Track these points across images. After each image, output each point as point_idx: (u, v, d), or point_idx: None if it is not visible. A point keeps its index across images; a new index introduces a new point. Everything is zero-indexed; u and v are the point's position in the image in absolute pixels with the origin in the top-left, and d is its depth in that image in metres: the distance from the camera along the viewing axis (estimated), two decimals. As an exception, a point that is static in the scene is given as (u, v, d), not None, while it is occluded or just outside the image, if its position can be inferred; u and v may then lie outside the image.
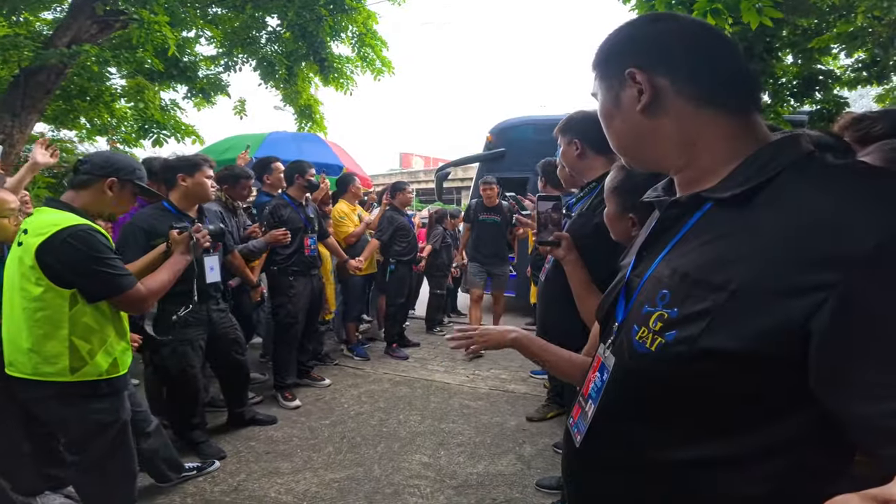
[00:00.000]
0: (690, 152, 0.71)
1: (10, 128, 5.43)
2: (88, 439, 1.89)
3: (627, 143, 0.79)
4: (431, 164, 29.76)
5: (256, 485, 2.64)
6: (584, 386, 0.84)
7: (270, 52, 7.84)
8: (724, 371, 0.58)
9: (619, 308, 0.79)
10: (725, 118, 0.69)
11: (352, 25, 7.74)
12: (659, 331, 0.65)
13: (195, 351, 2.76)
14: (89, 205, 1.89)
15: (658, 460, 0.67)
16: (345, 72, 8.07)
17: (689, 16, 0.78)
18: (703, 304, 0.60)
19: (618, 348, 0.75)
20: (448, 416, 3.60)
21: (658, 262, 0.73)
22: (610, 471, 0.76)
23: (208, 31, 7.37)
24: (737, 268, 0.58)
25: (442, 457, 2.99)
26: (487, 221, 5.20)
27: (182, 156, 2.82)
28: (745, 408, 0.60)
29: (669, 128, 0.71)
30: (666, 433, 0.67)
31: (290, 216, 3.69)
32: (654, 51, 0.72)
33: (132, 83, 7.17)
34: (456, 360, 4.90)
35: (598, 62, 0.80)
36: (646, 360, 0.66)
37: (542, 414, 3.55)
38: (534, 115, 7.13)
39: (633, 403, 0.72)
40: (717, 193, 0.66)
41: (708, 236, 0.65)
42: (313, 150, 5.84)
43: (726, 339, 0.57)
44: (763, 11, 3.45)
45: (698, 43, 0.71)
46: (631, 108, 0.73)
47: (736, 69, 0.71)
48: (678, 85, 0.70)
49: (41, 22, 7.15)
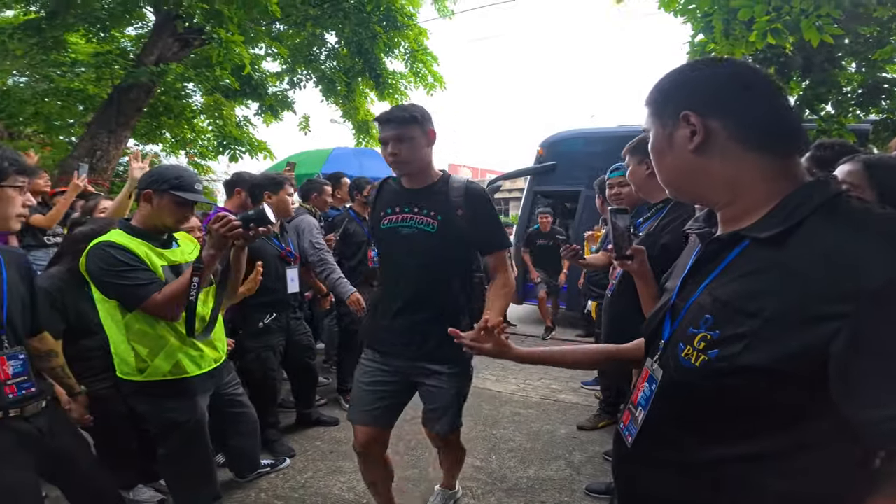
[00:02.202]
0: (734, 191, 0.79)
1: (106, 144, 5.95)
2: (165, 435, 2.02)
3: (676, 179, 0.87)
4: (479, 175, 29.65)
5: (322, 482, 2.80)
6: (634, 395, 0.92)
7: (330, 69, 8.25)
8: (759, 383, 0.68)
9: (665, 327, 0.88)
10: (769, 161, 0.76)
11: (404, 41, 8.06)
12: (702, 349, 0.74)
13: (276, 356, 3.01)
14: (142, 219, 1.97)
15: (700, 458, 0.77)
16: (399, 87, 8.39)
17: (741, 61, 0.85)
18: (740, 328, 0.69)
19: (665, 362, 0.84)
20: (499, 423, 3.70)
21: (701, 290, 0.81)
22: (658, 469, 0.84)
23: (274, 48, 7.84)
24: (770, 299, 0.67)
25: (493, 461, 3.09)
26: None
27: (267, 174, 3.11)
28: (777, 413, 0.69)
29: (717, 168, 0.78)
30: (707, 435, 0.76)
31: (355, 230, 3.95)
32: (708, 95, 0.79)
33: (209, 100, 7.72)
34: (507, 370, 5.00)
35: (652, 101, 0.87)
36: (690, 374, 0.76)
37: (594, 423, 3.59)
38: (584, 128, 7.16)
39: (679, 410, 0.81)
40: (754, 233, 0.74)
41: (745, 270, 0.74)
42: (373, 165, 6.15)
43: (760, 358, 0.66)
44: (823, 29, 3.44)
45: (750, 89, 0.78)
46: (683, 147, 0.80)
47: (783, 115, 0.78)
48: (730, 128, 0.76)
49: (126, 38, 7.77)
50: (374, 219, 1.99)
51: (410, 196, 1.90)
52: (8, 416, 1.57)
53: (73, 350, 2.13)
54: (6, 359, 1.59)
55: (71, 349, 2.10)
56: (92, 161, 5.32)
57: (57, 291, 2.13)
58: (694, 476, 0.78)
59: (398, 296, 1.89)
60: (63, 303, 2.14)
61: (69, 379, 1.97)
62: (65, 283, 2.18)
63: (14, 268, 1.69)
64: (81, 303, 2.18)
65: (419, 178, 1.90)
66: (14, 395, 1.59)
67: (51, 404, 1.76)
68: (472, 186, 1.88)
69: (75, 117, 7.51)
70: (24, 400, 1.61)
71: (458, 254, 1.89)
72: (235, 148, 7.91)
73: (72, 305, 2.17)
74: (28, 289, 1.74)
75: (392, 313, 1.90)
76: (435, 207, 1.84)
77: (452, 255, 1.87)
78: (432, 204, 1.85)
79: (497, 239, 1.92)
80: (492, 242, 1.92)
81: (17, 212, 1.58)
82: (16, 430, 1.59)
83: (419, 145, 1.81)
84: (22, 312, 1.68)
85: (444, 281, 1.88)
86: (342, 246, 3.94)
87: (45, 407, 1.70)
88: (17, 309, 1.65)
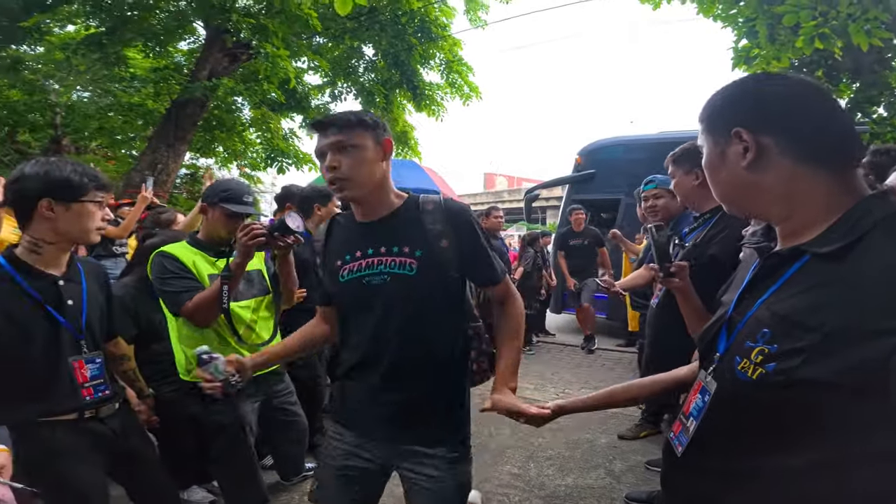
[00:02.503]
0: (791, 206, 0.78)
1: (165, 157, 6.29)
2: (214, 436, 2.08)
3: (731, 195, 0.87)
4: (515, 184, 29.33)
5: None
6: (685, 406, 0.93)
7: (368, 81, 8.47)
8: (815, 397, 0.68)
9: (721, 340, 0.88)
10: (825, 175, 0.75)
11: (439, 52, 8.19)
12: (760, 363, 0.74)
13: (322, 363, 3.12)
14: (203, 231, 2.10)
15: (751, 470, 0.77)
16: (435, 98, 8.52)
17: (795, 76, 0.84)
18: (799, 342, 0.69)
19: (719, 375, 0.84)
20: (538, 431, 3.58)
21: (759, 305, 0.80)
22: (708, 479, 0.85)
23: (316, 62, 8.12)
24: (830, 313, 0.67)
25: (531, 469, 3.09)
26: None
27: (315, 186, 3.22)
28: (831, 426, 0.69)
29: (772, 183, 0.78)
30: (759, 446, 0.77)
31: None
32: (760, 112, 0.79)
33: (257, 113, 8.06)
34: (546, 379, 5.01)
35: (705, 117, 0.87)
36: (746, 387, 0.76)
37: (636, 433, 3.55)
38: (623, 136, 7.07)
39: (732, 422, 0.82)
40: (814, 248, 0.74)
41: (806, 285, 0.74)
42: (412, 176, 6.28)
43: (819, 372, 0.66)
44: (872, 32, 3.34)
45: (803, 104, 0.77)
46: (736, 164, 0.80)
47: (838, 129, 0.77)
48: (782, 144, 0.76)
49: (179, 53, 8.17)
50: (329, 271, 1.45)
51: (371, 232, 1.39)
52: (84, 418, 1.65)
53: (144, 354, 2.27)
54: (84, 362, 1.68)
55: (142, 353, 2.24)
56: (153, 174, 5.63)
57: (129, 299, 2.29)
58: (744, 487, 0.79)
59: (375, 365, 1.37)
60: (135, 310, 2.30)
61: (139, 382, 2.08)
62: (136, 292, 2.34)
63: (93, 278, 1.81)
64: (151, 310, 2.32)
65: (374, 204, 1.39)
66: (90, 397, 1.67)
67: (123, 406, 1.85)
68: (452, 206, 1.41)
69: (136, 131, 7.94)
70: (99, 402, 1.70)
71: (449, 299, 1.40)
72: (282, 160, 8.22)
73: (143, 312, 2.32)
74: (105, 297, 1.87)
75: (368, 387, 1.41)
76: (409, 241, 1.35)
77: (443, 303, 1.37)
78: (405, 237, 1.35)
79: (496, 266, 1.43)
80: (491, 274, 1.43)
81: (96, 225, 1.68)
82: (91, 430, 1.67)
83: (368, 158, 1.32)
84: (100, 319, 1.80)
85: (436, 339, 1.38)
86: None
87: (118, 409, 1.79)
88: (95, 316, 1.76)
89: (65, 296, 1.62)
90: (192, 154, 8.91)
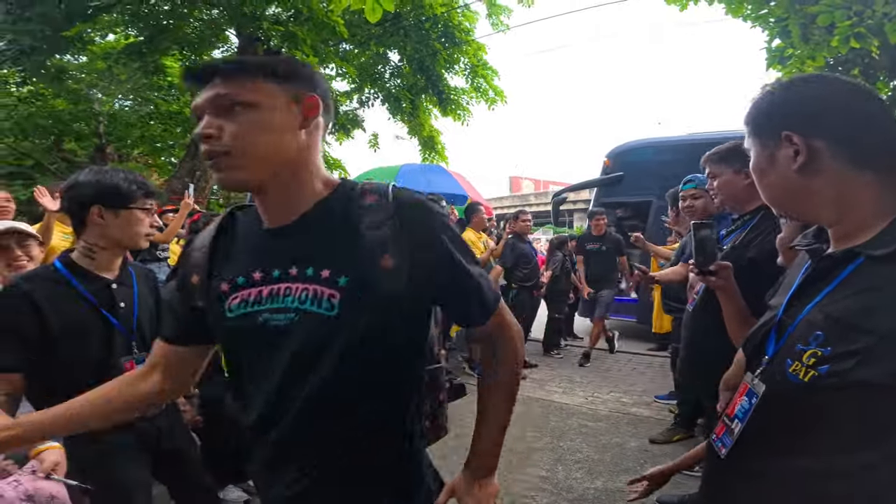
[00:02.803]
0: (842, 209, 0.78)
1: (203, 165, 6.49)
2: None
3: (781, 198, 0.86)
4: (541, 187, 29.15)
5: None
6: (730, 408, 0.92)
7: (394, 87, 8.58)
8: (868, 399, 0.67)
9: (770, 343, 0.87)
10: (876, 177, 0.76)
11: (463, 57, 8.25)
12: (812, 365, 0.73)
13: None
14: None
15: (798, 471, 0.77)
16: (461, 102, 8.57)
17: (842, 78, 0.84)
18: (854, 345, 0.68)
19: (769, 377, 0.83)
20: (566, 434, 3.67)
21: (811, 308, 0.80)
22: (752, 480, 0.85)
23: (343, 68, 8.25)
24: (886, 315, 0.67)
25: (559, 472, 3.06)
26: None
27: None
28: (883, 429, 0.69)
29: (823, 186, 0.78)
30: (807, 449, 0.76)
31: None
32: (810, 114, 0.79)
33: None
34: (574, 382, 4.98)
35: (751, 120, 0.87)
36: (798, 390, 0.76)
37: (667, 437, 3.50)
38: (652, 138, 7.01)
39: (780, 424, 0.82)
40: (869, 250, 0.73)
41: (860, 287, 0.73)
42: (440, 181, 6.34)
43: (874, 374, 0.66)
44: (910, 31, 3.25)
45: (852, 106, 0.78)
46: (786, 167, 0.80)
47: (888, 130, 0.77)
48: (833, 147, 0.76)
49: (214, 61, 8.46)
50: (209, 297, 0.93)
51: (279, 242, 0.91)
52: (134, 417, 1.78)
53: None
54: (135, 362, 1.72)
55: None
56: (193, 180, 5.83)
57: None
58: (789, 489, 0.79)
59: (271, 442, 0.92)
60: None
61: None
62: None
63: (143, 281, 1.89)
64: None
65: (283, 197, 0.90)
66: None
67: (170, 406, 1.89)
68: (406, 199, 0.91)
69: (175, 139, 8.22)
70: None
71: (396, 350, 0.90)
72: (314, 166, 8.37)
73: None
74: (154, 300, 1.93)
75: (267, 478, 0.98)
76: (332, 259, 0.87)
77: (385, 355, 0.89)
78: (325, 253, 0.88)
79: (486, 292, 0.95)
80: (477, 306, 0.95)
81: (145, 231, 1.75)
82: (139, 430, 1.72)
83: (268, 123, 0.84)
84: (149, 321, 1.85)
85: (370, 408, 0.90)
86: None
87: (165, 409, 1.83)
88: (145, 318, 1.82)
89: (117, 298, 1.70)
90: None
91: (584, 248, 5.86)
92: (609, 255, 5.69)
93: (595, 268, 5.71)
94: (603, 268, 5.67)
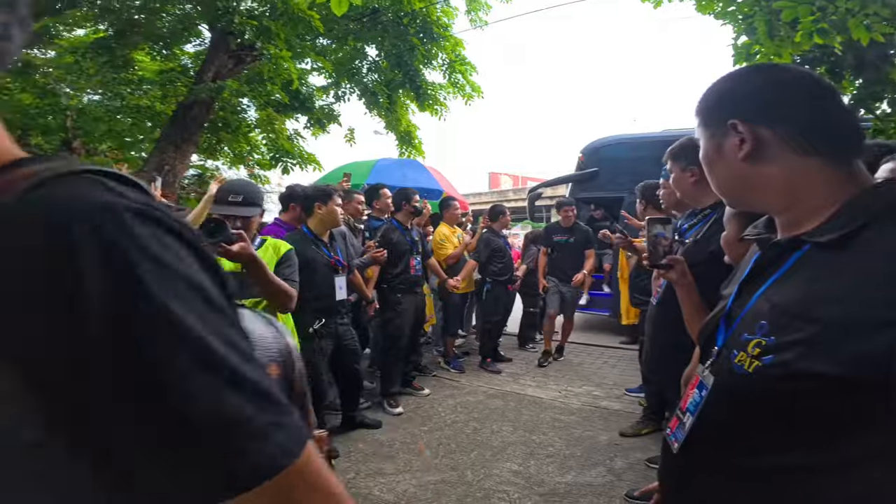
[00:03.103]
0: (791, 197, 0.77)
1: (172, 159, 6.38)
2: None
3: (729, 187, 0.86)
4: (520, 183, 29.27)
5: (363, 483, 2.90)
6: (683, 401, 0.91)
7: (371, 82, 8.51)
8: (814, 390, 0.65)
9: (720, 334, 0.86)
10: (825, 166, 0.74)
11: (441, 52, 8.21)
12: (757, 355, 0.72)
13: (324, 360, 3.17)
14: None
15: (748, 466, 0.75)
16: (438, 98, 8.54)
17: (791, 66, 0.83)
18: (798, 334, 0.67)
19: (717, 369, 0.82)
20: (539, 428, 3.72)
21: (758, 296, 0.79)
22: (704, 475, 0.83)
23: (319, 63, 8.17)
24: (830, 304, 0.65)
25: (531, 466, 3.10)
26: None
27: (317, 186, 3.28)
28: (830, 421, 0.66)
29: (770, 174, 0.77)
30: (756, 442, 0.75)
31: (399, 239, 4.11)
32: (756, 102, 0.78)
33: (263, 114, 8.14)
34: (548, 377, 5.04)
35: (701, 110, 0.86)
36: (744, 381, 0.74)
37: (637, 430, 3.56)
38: (626, 134, 7.08)
39: (729, 417, 0.80)
40: (815, 238, 0.72)
41: (805, 275, 0.72)
42: (416, 175, 6.33)
43: (818, 364, 0.64)
44: (872, 27, 3.32)
45: (799, 95, 0.76)
46: (733, 156, 0.79)
47: (837, 118, 0.76)
48: (780, 135, 0.75)
49: (185, 55, 8.25)
50: None
51: None
52: None
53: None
54: None
55: None
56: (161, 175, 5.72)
57: None
58: (740, 484, 0.77)
59: None
60: None
61: None
62: None
63: None
64: None
65: None
66: None
67: None
68: None
69: (144, 133, 8.06)
70: None
71: None
72: (287, 160, 8.30)
73: None
74: None
75: None
76: None
77: None
78: None
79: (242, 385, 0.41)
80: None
81: None
82: None
83: None
84: None
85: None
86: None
87: None
88: None
89: None
90: (199, 156, 9.03)
91: (551, 239, 5.61)
92: (577, 248, 5.52)
93: (562, 260, 5.55)
94: (571, 260, 5.51)
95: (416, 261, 4.21)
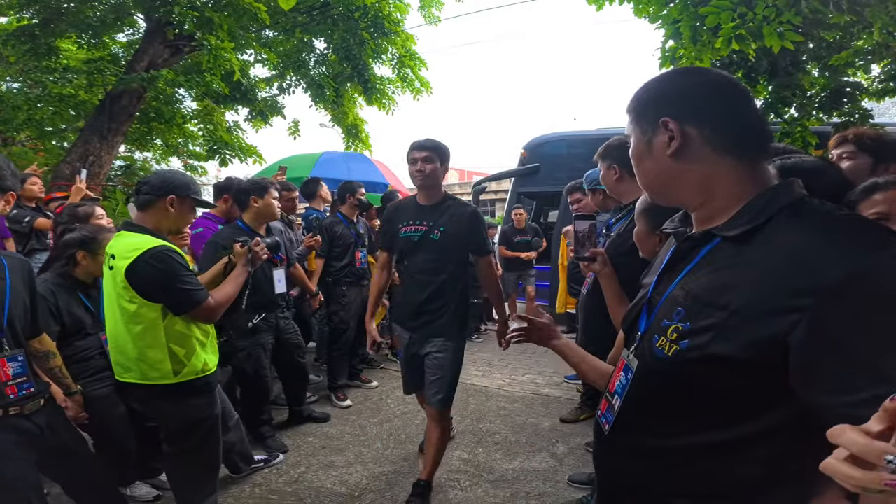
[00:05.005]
0: (707, 193, 0.83)
1: (98, 149, 6.01)
2: (186, 432, 2.06)
3: (655, 183, 0.90)
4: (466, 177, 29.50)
5: (314, 476, 2.90)
6: (611, 384, 0.96)
7: (319, 75, 8.34)
8: (727, 372, 0.71)
9: (642, 320, 0.92)
10: (739, 165, 0.80)
11: (392, 47, 8.17)
12: (675, 340, 0.77)
13: (266, 354, 3.11)
14: (157, 223, 2.02)
15: (673, 446, 0.81)
16: (386, 92, 8.49)
17: (716, 70, 0.87)
18: (709, 319, 0.73)
19: (640, 353, 0.88)
20: (486, 416, 3.81)
21: (675, 285, 0.85)
22: (634, 456, 0.88)
23: (264, 55, 7.92)
24: (736, 292, 0.71)
25: (480, 454, 3.20)
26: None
27: (253, 179, 3.20)
28: (741, 402, 0.73)
29: (693, 171, 0.82)
30: (679, 423, 0.80)
31: (343, 232, 4.08)
32: (685, 102, 0.83)
33: (201, 105, 7.79)
34: (493, 366, 5.15)
35: (633, 108, 0.90)
36: (664, 364, 0.80)
37: (576, 416, 3.72)
38: (566, 131, 7.31)
39: (653, 399, 0.85)
40: (723, 231, 0.79)
41: (715, 266, 0.78)
42: (361, 168, 6.26)
43: (727, 348, 0.70)
44: (784, 35, 3.57)
45: (724, 97, 0.82)
46: (661, 152, 0.84)
47: (754, 122, 0.82)
48: (704, 134, 0.80)
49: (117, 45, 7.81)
50: None
51: None
52: (9, 414, 1.65)
53: (68, 351, 2.21)
54: (6, 361, 1.67)
55: (66, 350, 2.18)
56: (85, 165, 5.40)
57: (50, 295, 2.20)
58: (667, 463, 0.82)
59: None
60: (57, 306, 2.21)
61: (66, 378, 2.04)
62: (57, 288, 2.25)
63: (17, 273, 1.77)
64: (74, 306, 2.27)
65: None
66: (15, 395, 1.67)
67: (49, 402, 1.83)
68: None
69: (67, 123, 7.56)
70: (24, 399, 1.69)
71: None
72: (225, 152, 8.00)
73: (65, 308, 2.24)
74: (30, 293, 1.82)
75: None
76: None
77: None
78: None
79: None
80: None
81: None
82: (17, 427, 1.67)
83: None
84: (23, 316, 1.76)
85: None
86: (330, 247, 4.06)
87: (44, 405, 1.78)
88: (18, 313, 1.73)
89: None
90: (127, 147, 8.56)
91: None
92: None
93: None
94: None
95: (362, 254, 4.19)
